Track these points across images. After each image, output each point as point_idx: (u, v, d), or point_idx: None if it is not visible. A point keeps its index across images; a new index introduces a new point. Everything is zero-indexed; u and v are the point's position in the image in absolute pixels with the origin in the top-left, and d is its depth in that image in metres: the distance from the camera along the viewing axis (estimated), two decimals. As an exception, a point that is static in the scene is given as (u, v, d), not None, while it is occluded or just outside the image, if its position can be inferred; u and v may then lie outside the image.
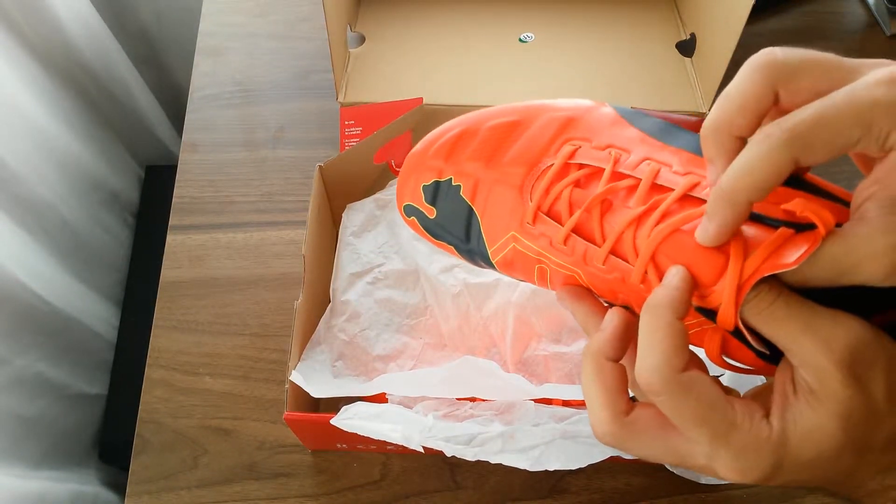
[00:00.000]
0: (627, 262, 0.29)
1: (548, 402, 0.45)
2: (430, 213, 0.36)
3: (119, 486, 0.81)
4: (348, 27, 0.66)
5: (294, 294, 0.48)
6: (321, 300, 0.52)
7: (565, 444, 0.40)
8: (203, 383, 0.55)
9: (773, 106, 0.25)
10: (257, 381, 0.55)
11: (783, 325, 0.25)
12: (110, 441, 0.82)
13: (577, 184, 0.31)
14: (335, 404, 0.45)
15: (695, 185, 0.28)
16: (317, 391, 0.44)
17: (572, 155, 0.32)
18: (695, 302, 0.27)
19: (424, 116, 0.57)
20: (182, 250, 0.61)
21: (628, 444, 0.27)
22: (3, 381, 0.66)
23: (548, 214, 0.31)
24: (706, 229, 0.26)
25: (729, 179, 0.24)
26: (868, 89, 0.23)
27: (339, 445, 0.51)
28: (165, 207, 0.63)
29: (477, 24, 0.69)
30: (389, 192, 0.56)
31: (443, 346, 0.51)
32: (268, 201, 0.64)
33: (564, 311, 0.49)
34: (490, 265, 0.35)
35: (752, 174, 0.24)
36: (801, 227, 0.25)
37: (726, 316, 0.26)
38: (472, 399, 0.46)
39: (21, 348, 0.69)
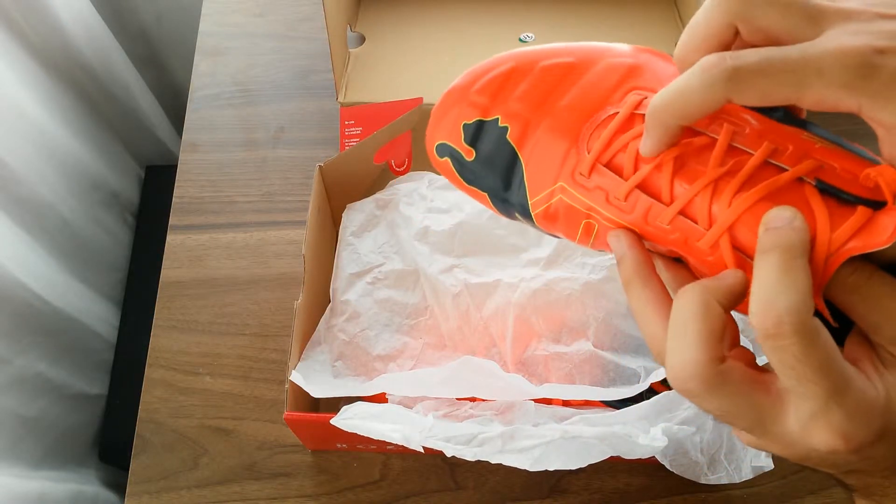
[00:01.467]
0: (697, 224, 0.27)
1: (548, 402, 0.45)
2: (469, 154, 0.32)
3: (119, 486, 0.81)
4: (348, 27, 0.66)
5: (294, 294, 0.49)
6: (321, 300, 0.52)
7: (565, 444, 0.40)
8: (203, 383, 0.55)
9: (734, 39, 0.25)
10: (257, 381, 0.55)
11: (883, 301, 0.24)
12: (110, 441, 0.82)
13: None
14: (335, 404, 0.45)
15: (773, 151, 0.26)
16: (317, 391, 0.44)
17: (639, 105, 0.29)
18: None
19: (424, 116, 0.57)
20: (182, 250, 0.61)
21: (713, 394, 0.25)
22: (3, 381, 0.66)
23: (607, 167, 0.29)
24: (644, 142, 0.27)
25: (661, 100, 0.25)
26: (820, 58, 0.23)
27: (339, 445, 0.51)
28: (165, 207, 0.63)
29: (477, 24, 0.69)
30: (389, 192, 0.56)
31: (443, 346, 0.51)
32: (268, 201, 0.64)
33: (565, 310, 0.49)
34: (527, 217, 0.33)
35: (683, 99, 0.24)
36: (872, 202, 0.24)
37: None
38: (472, 399, 0.46)
39: (21, 348, 0.69)
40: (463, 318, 0.51)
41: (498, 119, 0.31)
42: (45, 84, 0.76)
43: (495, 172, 0.32)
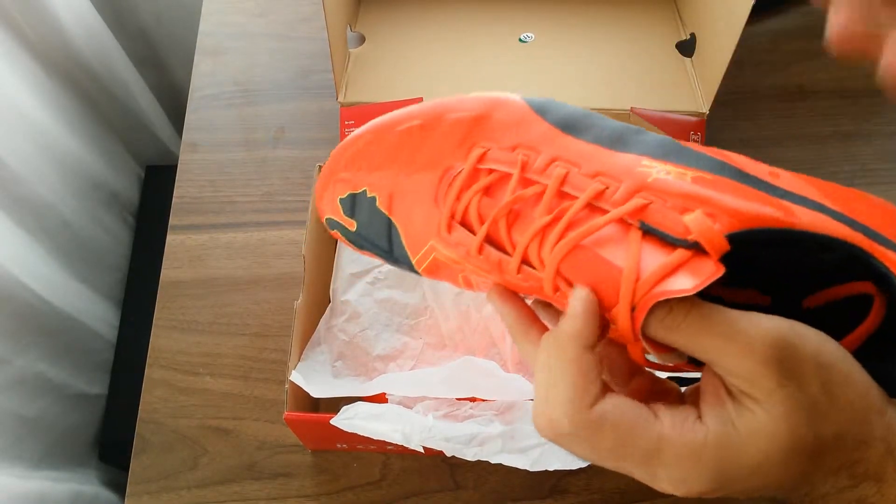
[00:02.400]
0: (539, 271, 0.28)
1: (548, 402, 0.45)
2: (351, 225, 0.35)
3: (119, 486, 0.81)
4: (348, 27, 0.66)
5: (294, 294, 0.48)
6: (321, 300, 0.52)
7: (565, 444, 0.40)
8: (203, 383, 0.55)
9: None
10: (257, 381, 0.55)
11: (702, 339, 0.24)
12: (110, 441, 0.82)
13: (486, 191, 0.30)
14: (335, 404, 0.45)
15: (600, 194, 0.27)
16: (317, 391, 0.44)
17: (481, 159, 0.30)
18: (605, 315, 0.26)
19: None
20: (182, 250, 0.61)
21: (592, 437, 0.25)
22: (3, 381, 0.66)
23: (462, 223, 0.31)
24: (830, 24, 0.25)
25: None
26: None
27: (339, 445, 0.51)
28: (165, 207, 0.63)
29: (477, 24, 0.69)
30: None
31: (443, 346, 0.51)
32: (268, 201, 0.64)
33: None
34: (417, 274, 0.34)
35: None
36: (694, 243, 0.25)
37: (627, 337, 0.25)
38: (472, 399, 0.46)
39: (21, 348, 0.69)
40: (463, 318, 0.51)
41: (366, 190, 0.33)
42: (45, 84, 0.76)
43: (377, 238, 0.34)
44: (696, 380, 0.27)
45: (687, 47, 0.66)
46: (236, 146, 0.67)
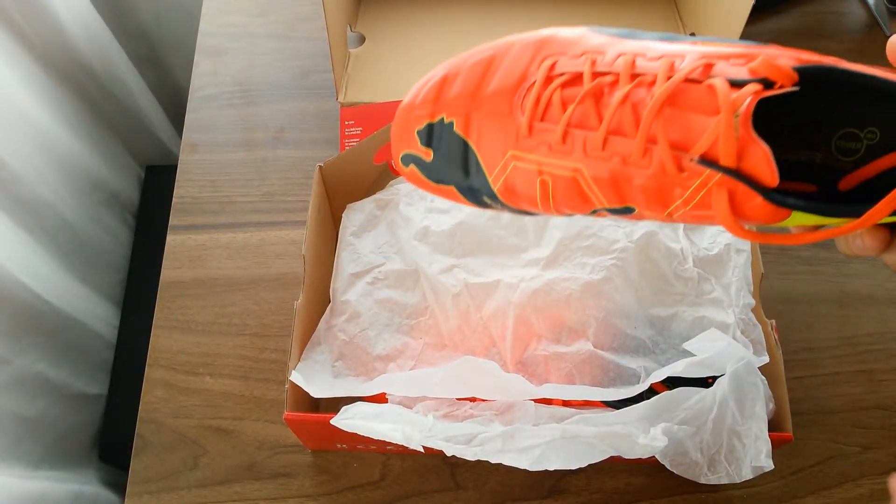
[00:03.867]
0: (627, 137, 0.29)
1: (548, 402, 0.45)
2: (427, 155, 0.36)
3: (119, 486, 0.81)
4: (348, 27, 0.66)
5: (294, 294, 0.49)
6: (321, 300, 0.52)
7: (565, 444, 0.40)
8: (203, 383, 0.55)
9: None
10: (257, 381, 0.55)
11: None
12: (110, 441, 0.82)
13: (563, 86, 0.32)
14: (335, 404, 0.45)
15: (671, 66, 0.29)
16: (317, 391, 0.44)
17: (552, 68, 0.32)
18: (696, 154, 0.28)
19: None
20: (182, 250, 0.61)
21: None
22: (3, 381, 0.66)
23: (542, 122, 0.32)
24: None
25: None
26: None
27: (339, 445, 0.51)
28: (165, 207, 0.63)
29: (477, 24, 0.69)
30: (389, 192, 0.56)
31: (443, 346, 0.51)
32: (268, 201, 0.64)
33: (565, 310, 0.50)
34: (494, 198, 0.35)
35: None
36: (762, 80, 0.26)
37: (728, 144, 0.26)
38: (472, 399, 0.46)
39: (21, 348, 0.69)
40: (463, 318, 0.51)
41: (443, 117, 0.35)
42: (45, 84, 0.76)
43: (454, 163, 0.35)
44: (690, 381, 0.28)
45: (687, 47, 0.66)
46: (236, 146, 0.67)
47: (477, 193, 0.36)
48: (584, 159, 0.31)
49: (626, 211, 0.32)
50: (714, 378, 0.44)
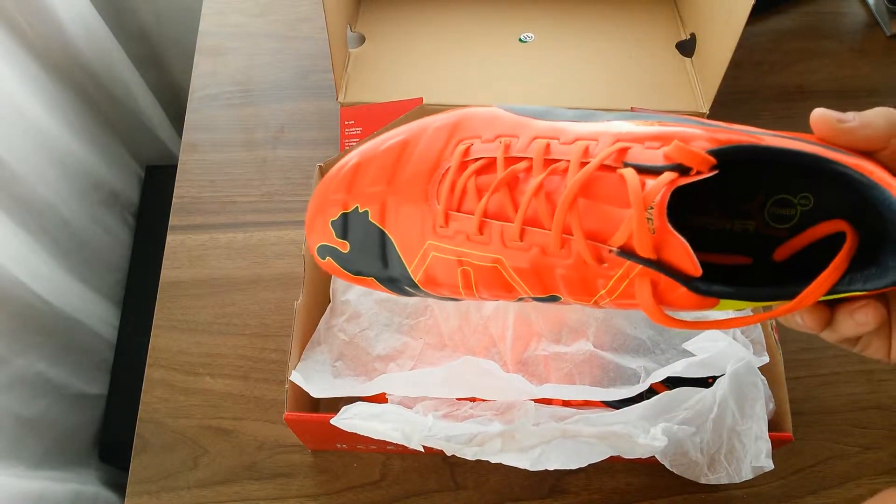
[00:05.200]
0: (543, 228, 0.29)
1: (548, 402, 0.45)
2: (344, 247, 0.35)
3: (119, 486, 0.81)
4: (348, 27, 0.66)
5: (294, 294, 0.49)
6: (321, 300, 0.52)
7: (565, 444, 0.40)
8: (203, 383, 0.55)
9: None
10: (257, 381, 0.55)
11: None
12: (110, 441, 0.82)
13: (478, 173, 0.31)
14: (335, 404, 0.45)
15: (586, 151, 0.28)
16: (317, 391, 0.44)
17: (466, 152, 0.32)
18: (614, 246, 0.27)
19: (424, 116, 0.57)
20: (182, 250, 0.61)
21: None
22: (3, 381, 0.66)
23: (457, 212, 0.31)
24: None
25: None
26: None
27: (339, 445, 0.51)
28: (165, 207, 0.63)
29: (477, 24, 0.69)
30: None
31: (443, 346, 0.51)
32: (268, 201, 0.64)
33: (564, 310, 0.49)
34: (416, 287, 0.35)
35: None
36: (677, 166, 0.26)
37: (642, 239, 0.26)
38: (472, 399, 0.46)
39: (21, 348, 0.69)
40: (463, 318, 0.51)
41: (357, 207, 0.34)
42: (45, 84, 0.76)
43: (371, 254, 0.34)
44: (690, 381, 0.28)
45: (687, 47, 0.66)
46: (236, 146, 0.67)
47: (398, 283, 0.35)
48: (503, 250, 0.30)
49: (551, 299, 0.31)
50: (714, 378, 0.44)
